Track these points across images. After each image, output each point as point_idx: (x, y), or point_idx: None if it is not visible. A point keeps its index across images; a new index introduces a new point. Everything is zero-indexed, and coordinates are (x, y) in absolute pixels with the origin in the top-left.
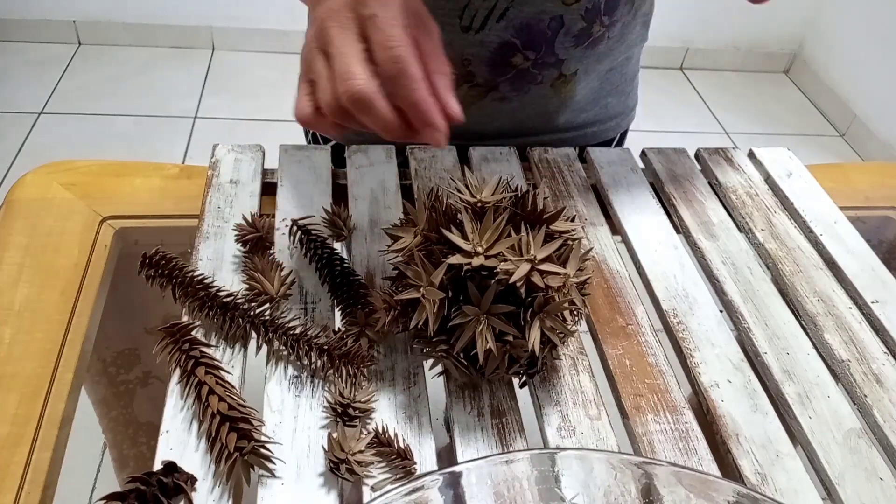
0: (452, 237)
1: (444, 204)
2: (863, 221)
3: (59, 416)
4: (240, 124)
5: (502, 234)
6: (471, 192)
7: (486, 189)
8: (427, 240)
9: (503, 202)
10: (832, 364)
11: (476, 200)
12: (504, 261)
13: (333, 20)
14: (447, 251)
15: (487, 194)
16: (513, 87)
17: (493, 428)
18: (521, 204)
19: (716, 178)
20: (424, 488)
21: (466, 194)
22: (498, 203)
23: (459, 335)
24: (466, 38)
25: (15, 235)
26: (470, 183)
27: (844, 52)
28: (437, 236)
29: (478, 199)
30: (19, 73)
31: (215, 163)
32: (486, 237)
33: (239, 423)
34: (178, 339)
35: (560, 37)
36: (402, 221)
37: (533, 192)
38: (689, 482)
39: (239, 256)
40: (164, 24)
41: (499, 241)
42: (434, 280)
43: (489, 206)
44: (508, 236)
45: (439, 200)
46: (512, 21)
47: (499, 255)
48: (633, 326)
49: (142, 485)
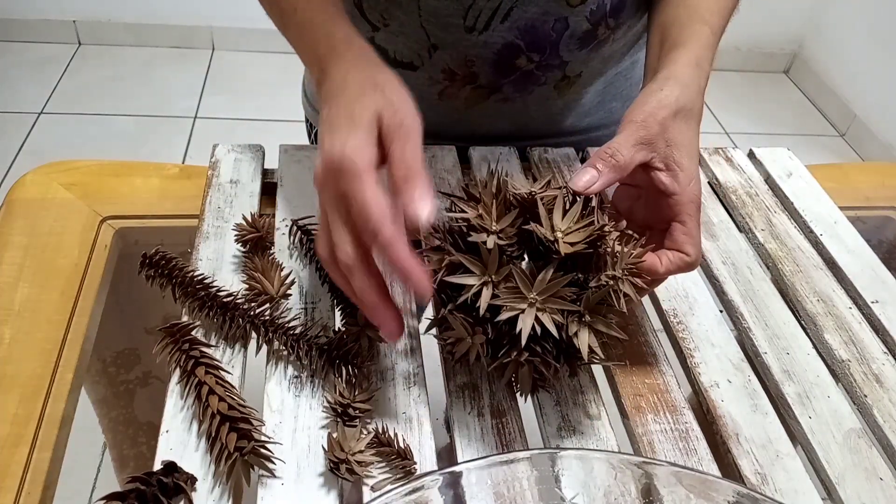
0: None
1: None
2: (863, 221)
3: (59, 416)
4: (240, 124)
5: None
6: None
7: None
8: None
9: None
10: (832, 364)
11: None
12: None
13: (323, 193)
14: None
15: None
16: (516, 89)
17: (493, 428)
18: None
19: (716, 178)
20: (424, 488)
21: (548, 232)
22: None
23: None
24: (470, 38)
25: (15, 235)
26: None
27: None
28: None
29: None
30: (19, 73)
31: (215, 163)
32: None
33: (239, 423)
34: (178, 339)
35: (565, 39)
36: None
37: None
38: (689, 482)
39: (239, 256)
40: (164, 24)
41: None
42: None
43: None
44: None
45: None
46: (516, 22)
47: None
48: (633, 326)
49: (142, 485)
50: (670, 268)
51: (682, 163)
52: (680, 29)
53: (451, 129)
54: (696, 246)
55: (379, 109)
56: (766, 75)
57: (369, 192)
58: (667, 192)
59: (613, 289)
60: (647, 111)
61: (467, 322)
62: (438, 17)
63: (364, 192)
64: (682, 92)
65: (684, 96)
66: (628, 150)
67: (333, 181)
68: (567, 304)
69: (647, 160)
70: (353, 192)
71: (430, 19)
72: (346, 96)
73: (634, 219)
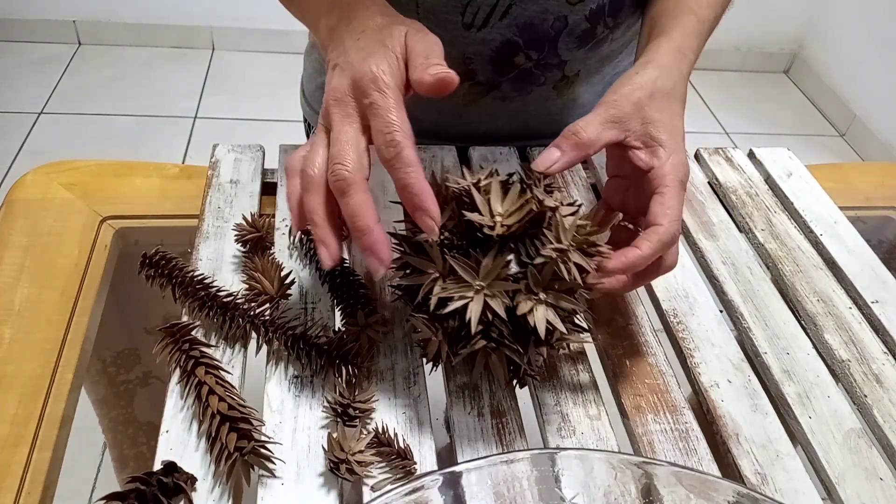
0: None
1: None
2: (863, 221)
3: (59, 416)
4: (240, 124)
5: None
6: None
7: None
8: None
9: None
10: (832, 364)
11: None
12: None
13: (337, 106)
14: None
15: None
16: (514, 88)
17: (493, 428)
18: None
19: (716, 178)
20: (424, 488)
21: (487, 218)
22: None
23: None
24: (469, 35)
25: (15, 235)
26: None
27: (844, 52)
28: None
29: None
30: (19, 73)
31: (215, 163)
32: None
33: (239, 423)
34: (178, 339)
35: (563, 37)
36: None
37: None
38: (689, 482)
39: (239, 256)
40: (164, 24)
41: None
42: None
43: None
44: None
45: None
46: (515, 19)
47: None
48: (633, 326)
49: (142, 485)
50: (651, 247)
51: (661, 138)
52: (667, 20)
53: (451, 129)
54: (672, 218)
55: (404, 33)
56: (766, 75)
57: (396, 110)
58: (645, 167)
59: (562, 260)
60: (621, 92)
61: (427, 321)
62: (436, 14)
63: (392, 109)
64: (660, 74)
65: (662, 79)
66: (594, 128)
67: (361, 95)
68: (512, 284)
69: (619, 139)
70: (380, 106)
71: (427, 16)
72: (374, 27)
73: (628, 210)
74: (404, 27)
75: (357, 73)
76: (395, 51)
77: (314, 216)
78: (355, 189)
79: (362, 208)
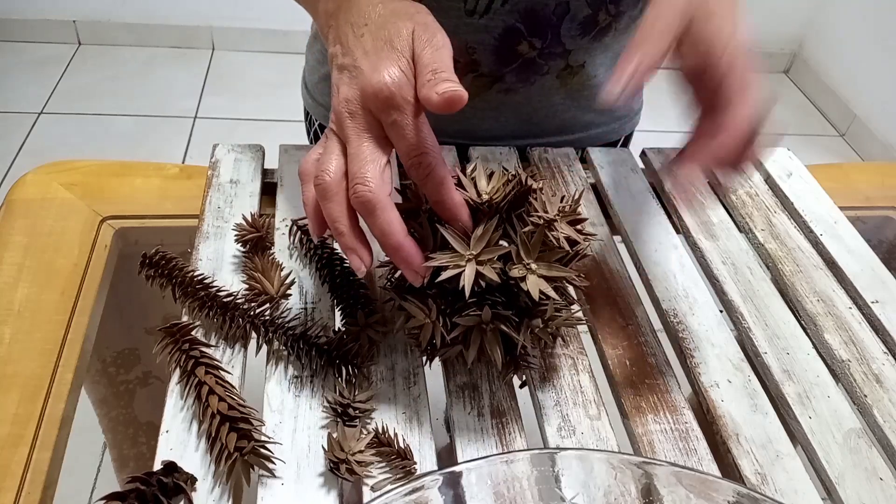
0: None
1: None
2: (863, 221)
3: (59, 416)
4: (240, 124)
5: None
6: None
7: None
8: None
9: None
10: (832, 364)
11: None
12: None
13: (352, 119)
14: None
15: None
16: (518, 79)
17: (493, 428)
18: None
19: (716, 178)
20: (424, 488)
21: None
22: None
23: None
24: (471, 23)
25: (15, 235)
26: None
27: (844, 52)
28: None
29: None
30: (19, 73)
31: (215, 163)
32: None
33: (239, 423)
34: (178, 339)
35: (566, 23)
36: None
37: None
38: (689, 482)
39: (239, 256)
40: (164, 24)
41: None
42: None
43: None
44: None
45: None
46: (516, 5)
47: None
48: (633, 326)
49: (142, 485)
50: (745, 121)
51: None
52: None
53: (452, 125)
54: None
55: (411, 32)
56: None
57: (420, 127)
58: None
59: (550, 229)
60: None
61: (419, 303)
62: (438, 1)
63: (415, 127)
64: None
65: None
66: (662, 23)
67: (378, 111)
68: (503, 248)
69: (686, 24)
70: (403, 125)
71: (429, 3)
72: (377, 20)
73: (702, 102)
74: (411, 23)
75: (370, 86)
76: (405, 54)
77: (338, 225)
78: (381, 209)
79: (391, 226)
